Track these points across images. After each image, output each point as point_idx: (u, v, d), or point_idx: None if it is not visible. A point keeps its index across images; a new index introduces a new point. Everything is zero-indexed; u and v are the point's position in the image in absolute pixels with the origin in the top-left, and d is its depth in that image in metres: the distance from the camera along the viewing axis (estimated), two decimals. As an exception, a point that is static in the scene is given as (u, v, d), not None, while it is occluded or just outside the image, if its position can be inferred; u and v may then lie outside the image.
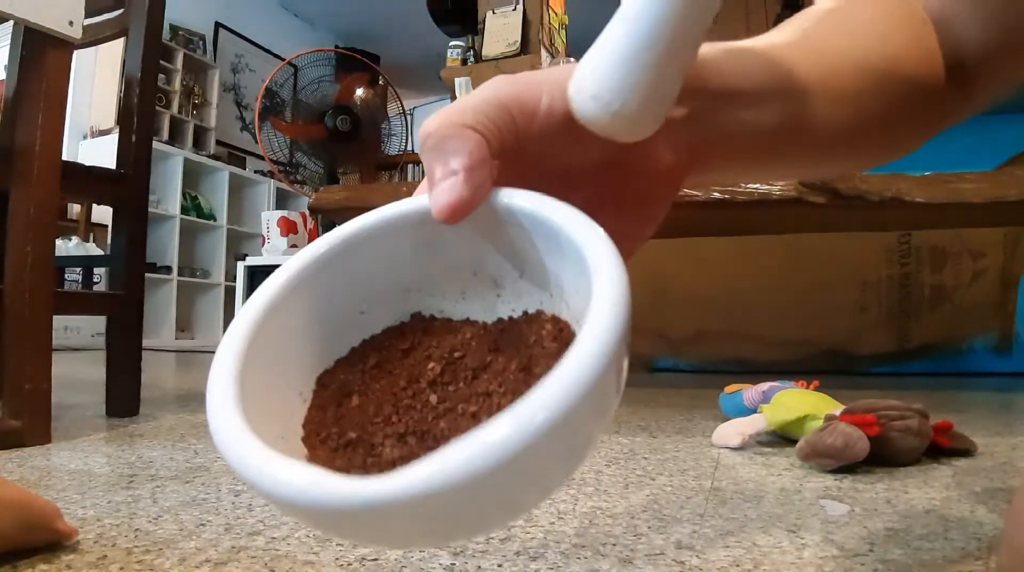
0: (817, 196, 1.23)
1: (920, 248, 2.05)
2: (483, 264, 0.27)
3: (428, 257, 0.27)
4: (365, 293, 0.27)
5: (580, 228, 0.22)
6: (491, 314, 0.27)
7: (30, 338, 0.90)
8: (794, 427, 0.87)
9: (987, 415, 1.23)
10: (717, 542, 0.51)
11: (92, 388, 1.42)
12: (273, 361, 0.24)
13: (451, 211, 0.23)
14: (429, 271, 0.27)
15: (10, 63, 0.91)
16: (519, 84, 0.25)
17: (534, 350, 0.24)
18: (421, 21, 3.57)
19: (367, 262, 0.26)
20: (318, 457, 0.23)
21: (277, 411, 0.24)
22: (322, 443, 0.24)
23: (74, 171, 1.07)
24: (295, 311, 0.25)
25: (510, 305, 0.27)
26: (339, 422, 0.24)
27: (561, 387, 0.17)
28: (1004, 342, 2.06)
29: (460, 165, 0.23)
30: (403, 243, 0.26)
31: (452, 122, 0.24)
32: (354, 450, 0.23)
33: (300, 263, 0.25)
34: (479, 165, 0.23)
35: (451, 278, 0.27)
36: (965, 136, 2.07)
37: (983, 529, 0.54)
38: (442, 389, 0.25)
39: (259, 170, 5.26)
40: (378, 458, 0.23)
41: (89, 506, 0.60)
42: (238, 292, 2.86)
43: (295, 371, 0.25)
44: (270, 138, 2.96)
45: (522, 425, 0.16)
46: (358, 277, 0.27)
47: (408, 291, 0.28)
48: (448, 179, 0.23)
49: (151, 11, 1.19)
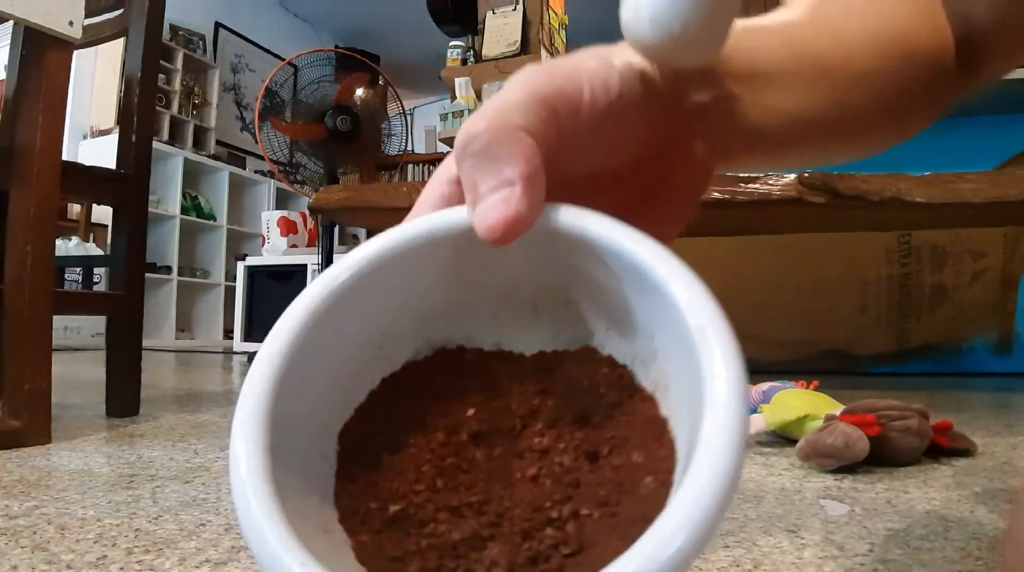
0: (817, 196, 1.23)
1: (920, 248, 2.05)
2: (520, 289, 0.23)
3: (457, 281, 0.23)
4: (385, 325, 0.23)
5: (661, 260, 0.19)
6: (527, 343, 0.24)
7: (30, 338, 0.90)
8: (794, 427, 0.87)
9: (987, 415, 1.23)
10: (717, 542, 0.51)
11: (92, 388, 1.42)
12: (295, 422, 0.20)
13: (506, 229, 0.19)
14: (457, 296, 0.24)
15: (10, 63, 0.91)
16: (559, 76, 0.22)
17: (589, 398, 0.22)
18: (421, 21, 3.57)
19: (387, 290, 0.23)
20: (365, 545, 0.20)
21: (308, 486, 0.20)
22: (363, 524, 0.20)
23: (74, 171, 1.07)
24: (311, 356, 0.21)
25: (550, 335, 0.24)
26: (376, 494, 0.21)
27: (699, 516, 0.15)
28: (1004, 342, 2.06)
29: (517, 174, 0.20)
30: (429, 266, 0.23)
31: (504, 123, 0.20)
32: (403, 530, 0.20)
33: (315, 297, 0.22)
34: (538, 174, 0.20)
35: (481, 303, 0.24)
36: (965, 136, 2.07)
37: (983, 529, 0.54)
38: (487, 443, 0.22)
39: (259, 170, 5.26)
40: (437, 539, 0.20)
41: (89, 506, 0.60)
42: (238, 292, 2.86)
43: (316, 431, 0.21)
44: (270, 138, 2.96)
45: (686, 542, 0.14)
46: (378, 308, 0.23)
47: (431, 318, 0.24)
48: (501, 191, 0.20)
49: (151, 11, 1.19)
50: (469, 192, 0.21)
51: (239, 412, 0.19)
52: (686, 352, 0.18)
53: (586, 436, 0.21)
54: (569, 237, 0.21)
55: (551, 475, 0.20)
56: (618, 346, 0.22)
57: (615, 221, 0.20)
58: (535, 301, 0.24)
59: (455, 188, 0.23)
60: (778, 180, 1.25)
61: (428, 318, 0.24)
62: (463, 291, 0.23)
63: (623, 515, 0.19)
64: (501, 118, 0.20)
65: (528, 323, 0.24)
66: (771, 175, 1.26)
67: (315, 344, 0.21)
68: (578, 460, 0.21)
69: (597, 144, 0.23)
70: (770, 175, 1.26)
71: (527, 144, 0.20)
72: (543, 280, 0.23)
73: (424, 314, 0.24)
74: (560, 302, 0.23)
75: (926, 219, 1.52)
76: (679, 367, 0.19)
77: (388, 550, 0.19)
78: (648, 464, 0.19)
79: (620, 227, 0.20)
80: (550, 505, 0.20)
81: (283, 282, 2.97)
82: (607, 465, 0.20)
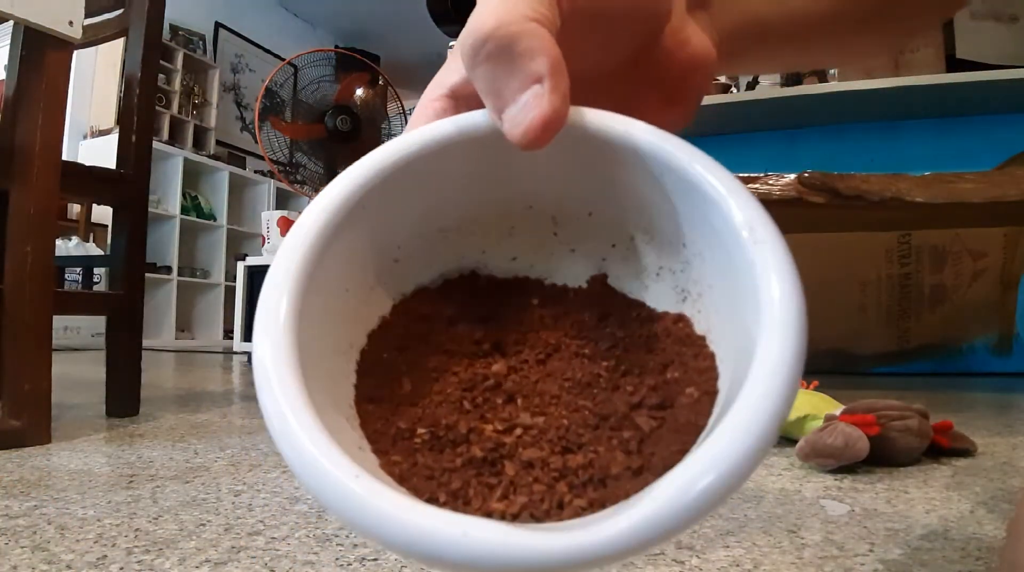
0: (817, 196, 1.23)
1: (920, 248, 2.05)
2: (541, 198, 0.22)
3: (475, 191, 0.22)
4: (400, 238, 0.22)
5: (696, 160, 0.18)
6: (542, 255, 0.23)
7: (30, 338, 0.90)
8: (794, 427, 0.87)
9: (987, 415, 1.23)
10: (717, 542, 0.51)
11: (92, 388, 1.42)
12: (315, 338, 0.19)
13: (544, 128, 0.18)
14: (474, 208, 0.23)
15: (10, 63, 0.91)
16: None
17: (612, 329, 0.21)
18: (421, 21, 3.57)
19: (402, 200, 0.21)
20: (397, 465, 0.19)
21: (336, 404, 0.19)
22: (393, 444, 0.19)
23: (74, 171, 1.07)
24: (329, 270, 0.20)
25: (568, 246, 0.23)
26: (404, 415, 0.20)
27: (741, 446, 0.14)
28: (1004, 342, 2.06)
29: (544, 68, 0.18)
30: (445, 175, 0.21)
31: (513, 16, 0.18)
32: (438, 449, 0.19)
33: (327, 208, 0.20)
34: (561, 65, 0.18)
35: (499, 213, 0.23)
36: (965, 136, 2.08)
37: (983, 529, 0.54)
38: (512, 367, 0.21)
39: (259, 170, 5.26)
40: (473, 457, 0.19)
41: (89, 506, 0.60)
42: (238, 292, 2.86)
43: (336, 348, 0.20)
44: (270, 138, 2.96)
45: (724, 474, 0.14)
46: (391, 218, 0.21)
47: (446, 231, 0.23)
48: (533, 87, 0.18)
49: (151, 11, 1.19)
50: (491, 98, 0.19)
51: (261, 317, 0.18)
52: (727, 252, 0.17)
53: (617, 360, 0.20)
54: (594, 139, 0.20)
55: (585, 394, 0.20)
56: (646, 254, 0.21)
57: (638, 122, 0.20)
58: (554, 212, 0.23)
59: (447, 103, 0.22)
60: (778, 180, 1.25)
61: (444, 230, 0.23)
62: (481, 203, 0.22)
63: (669, 423, 0.18)
64: (508, 12, 0.19)
65: (546, 236, 0.23)
66: (771, 175, 1.26)
67: (330, 256, 0.20)
68: (612, 375, 0.20)
69: (592, 40, 0.22)
70: (770, 175, 1.26)
71: (543, 35, 0.18)
72: (565, 189, 0.22)
73: (440, 226, 0.23)
74: (582, 212, 0.22)
75: (926, 219, 1.52)
76: (719, 268, 0.18)
77: (423, 469, 0.18)
78: (688, 377, 0.19)
79: (646, 128, 0.19)
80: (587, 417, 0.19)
81: (283, 282, 2.97)
82: (643, 384, 0.20)
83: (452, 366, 0.21)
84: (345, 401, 0.20)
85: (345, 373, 0.20)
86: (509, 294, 0.23)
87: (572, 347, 0.21)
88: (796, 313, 0.15)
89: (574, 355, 0.21)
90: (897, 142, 2.12)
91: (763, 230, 0.17)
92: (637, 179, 0.20)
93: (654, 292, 0.22)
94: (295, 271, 0.19)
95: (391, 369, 0.21)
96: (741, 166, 1.32)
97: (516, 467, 0.18)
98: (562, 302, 0.23)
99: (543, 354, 0.21)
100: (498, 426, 0.19)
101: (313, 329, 0.19)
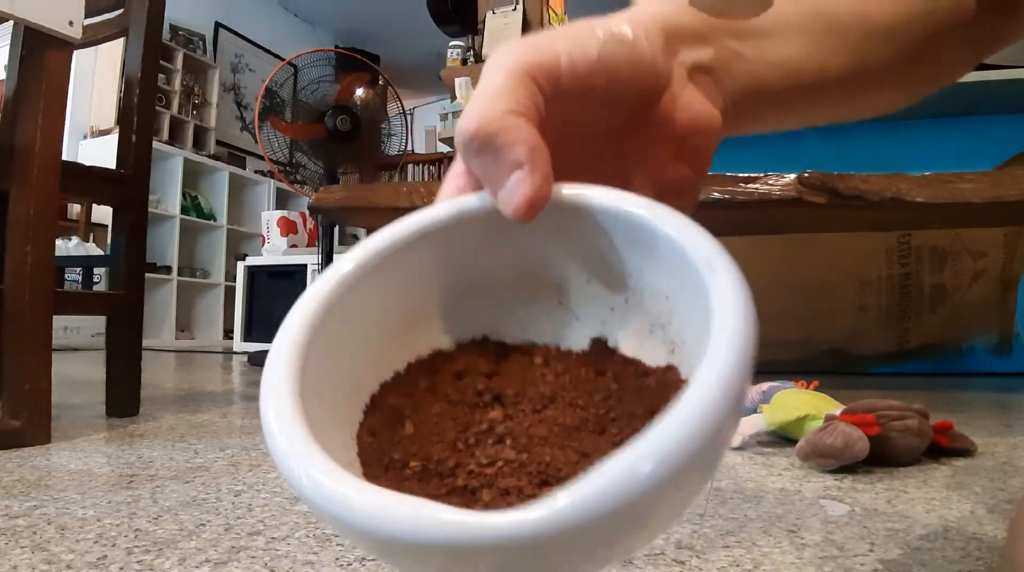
0: (817, 196, 1.23)
1: (920, 248, 2.05)
2: (544, 267, 0.25)
3: (481, 262, 0.25)
4: (413, 306, 0.24)
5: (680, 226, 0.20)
6: (550, 327, 0.25)
7: (30, 338, 0.90)
8: (794, 427, 0.87)
9: (987, 415, 1.23)
10: (717, 542, 0.51)
11: (92, 388, 1.42)
12: (324, 386, 0.21)
13: (528, 206, 0.21)
14: (488, 276, 0.25)
15: (10, 63, 0.91)
16: (534, 48, 0.23)
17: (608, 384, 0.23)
18: (421, 21, 3.57)
19: (418, 270, 0.24)
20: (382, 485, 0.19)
21: (332, 437, 0.20)
22: (385, 472, 0.21)
23: (74, 171, 1.07)
24: (341, 330, 0.22)
25: (573, 315, 0.25)
26: (398, 447, 0.22)
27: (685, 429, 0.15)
28: (1004, 342, 2.06)
29: (523, 155, 0.21)
30: (455, 246, 0.24)
31: (492, 115, 0.21)
32: (425, 480, 0.21)
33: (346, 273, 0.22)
34: (539, 149, 0.21)
35: (509, 282, 0.25)
36: (965, 136, 2.07)
37: (983, 529, 0.54)
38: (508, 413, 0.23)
39: (259, 170, 5.26)
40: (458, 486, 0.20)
41: (89, 506, 0.60)
42: (238, 292, 2.86)
43: (341, 394, 0.22)
44: (270, 138, 2.96)
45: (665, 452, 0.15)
46: (408, 287, 0.24)
47: (462, 297, 0.25)
48: (515, 173, 0.21)
49: (151, 11, 1.19)
50: (486, 183, 0.22)
51: (273, 357, 0.20)
52: (700, 298, 0.18)
53: (608, 408, 0.22)
54: (580, 212, 0.22)
55: (572, 436, 0.21)
56: (638, 315, 0.23)
57: (614, 190, 0.22)
58: (558, 281, 0.25)
59: (468, 179, 0.25)
60: (778, 180, 1.25)
61: (461, 295, 0.25)
62: (492, 272, 0.25)
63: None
64: (488, 111, 0.21)
65: (552, 306, 0.25)
66: (771, 175, 1.26)
67: (343, 316, 0.22)
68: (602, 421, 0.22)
69: (587, 106, 0.24)
70: (770, 175, 1.26)
71: (520, 126, 0.21)
72: (563, 258, 0.24)
73: (457, 293, 0.25)
74: (581, 279, 0.24)
75: (926, 219, 1.52)
76: (693, 315, 0.20)
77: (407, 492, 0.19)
78: None
79: (619, 194, 0.22)
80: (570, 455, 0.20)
81: (283, 282, 2.98)
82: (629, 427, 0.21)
83: (453, 413, 0.23)
84: (348, 432, 0.22)
85: (354, 411, 0.23)
86: (516, 354, 0.25)
87: (567, 398, 0.23)
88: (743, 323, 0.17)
89: (568, 405, 0.22)
90: (897, 142, 2.12)
91: (719, 261, 0.19)
92: (620, 244, 0.22)
93: (649, 348, 0.23)
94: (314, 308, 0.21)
95: (396, 412, 0.23)
96: (741, 166, 1.32)
97: (493, 493, 0.19)
98: (563, 361, 0.24)
99: (540, 405, 0.23)
100: (483, 460, 0.20)
101: (324, 365, 0.21)
